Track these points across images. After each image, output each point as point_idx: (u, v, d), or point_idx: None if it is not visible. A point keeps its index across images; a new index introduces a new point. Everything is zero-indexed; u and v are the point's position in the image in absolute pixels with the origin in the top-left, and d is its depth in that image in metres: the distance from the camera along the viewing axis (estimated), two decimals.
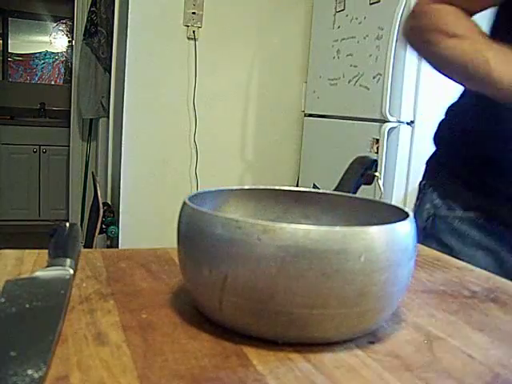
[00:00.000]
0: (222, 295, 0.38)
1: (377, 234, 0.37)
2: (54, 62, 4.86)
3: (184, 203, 0.42)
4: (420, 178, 0.92)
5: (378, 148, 1.87)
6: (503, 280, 0.58)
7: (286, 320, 0.37)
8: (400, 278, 0.39)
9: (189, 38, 2.46)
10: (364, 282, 0.37)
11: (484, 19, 0.79)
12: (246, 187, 0.54)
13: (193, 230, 0.40)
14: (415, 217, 0.43)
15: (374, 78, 1.96)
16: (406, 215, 0.42)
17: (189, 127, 2.49)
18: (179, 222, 0.43)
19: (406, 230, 0.40)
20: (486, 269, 0.63)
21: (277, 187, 0.55)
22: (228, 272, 0.37)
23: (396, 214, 0.44)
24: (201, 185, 2.50)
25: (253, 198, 0.54)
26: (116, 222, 2.57)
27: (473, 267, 0.63)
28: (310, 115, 2.51)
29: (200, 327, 0.40)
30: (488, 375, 0.36)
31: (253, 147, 2.64)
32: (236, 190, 0.54)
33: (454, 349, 0.39)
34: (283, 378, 0.33)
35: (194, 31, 2.46)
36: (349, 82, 2.14)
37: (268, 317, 0.37)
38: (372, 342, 0.40)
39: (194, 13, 2.45)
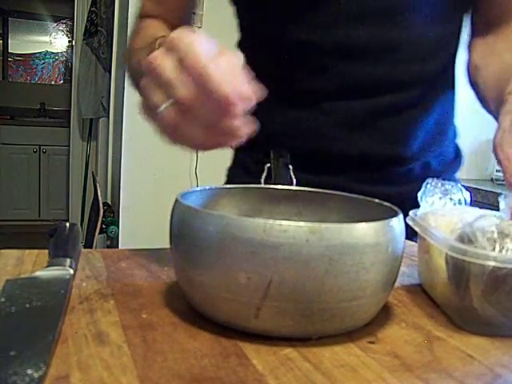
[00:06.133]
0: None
1: (398, 226, 0.41)
2: (54, 61, 4.86)
3: (176, 200, 0.43)
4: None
5: None
6: None
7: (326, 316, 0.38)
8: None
9: None
10: (389, 271, 0.40)
11: None
12: (241, 186, 0.55)
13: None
14: None
15: None
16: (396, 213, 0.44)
17: None
18: (171, 220, 0.43)
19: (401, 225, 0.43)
20: None
21: (271, 186, 0.56)
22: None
23: (386, 212, 0.45)
24: (201, 185, 2.49)
25: (251, 197, 0.54)
26: (116, 222, 2.57)
27: None
28: None
29: (200, 327, 0.40)
30: (488, 375, 0.36)
31: None
32: (232, 188, 0.54)
33: (454, 349, 0.39)
34: (283, 378, 0.33)
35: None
36: None
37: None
38: (372, 342, 0.40)
39: (193, 13, 2.45)
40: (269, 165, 0.70)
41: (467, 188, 0.54)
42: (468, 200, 0.53)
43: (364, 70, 0.59)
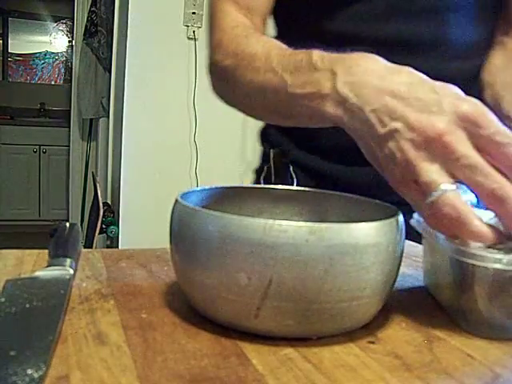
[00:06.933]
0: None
1: (398, 226, 0.41)
2: (54, 61, 4.86)
3: (176, 200, 0.43)
4: None
5: None
6: None
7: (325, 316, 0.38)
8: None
9: (189, 38, 2.46)
10: (389, 271, 0.40)
11: None
12: (241, 186, 0.55)
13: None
14: None
15: None
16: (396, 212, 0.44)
17: (189, 127, 2.49)
18: (171, 220, 0.43)
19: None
20: None
21: (271, 186, 0.56)
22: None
23: (386, 212, 0.45)
24: (201, 185, 2.50)
25: (250, 197, 0.54)
26: (116, 222, 2.57)
27: None
28: None
29: (200, 327, 0.40)
30: (488, 375, 0.36)
31: (253, 147, 2.64)
32: (233, 188, 0.54)
33: (454, 349, 0.39)
34: (283, 378, 0.33)
35: (194, 31, 2.46)
36: None
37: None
38: (372, 342, 0.40)
39: (193, 13, 2.45)
40: (269, 165, 0.70)
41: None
42: (474, 201, 0.52)
43: (407, 65, 0.60)
